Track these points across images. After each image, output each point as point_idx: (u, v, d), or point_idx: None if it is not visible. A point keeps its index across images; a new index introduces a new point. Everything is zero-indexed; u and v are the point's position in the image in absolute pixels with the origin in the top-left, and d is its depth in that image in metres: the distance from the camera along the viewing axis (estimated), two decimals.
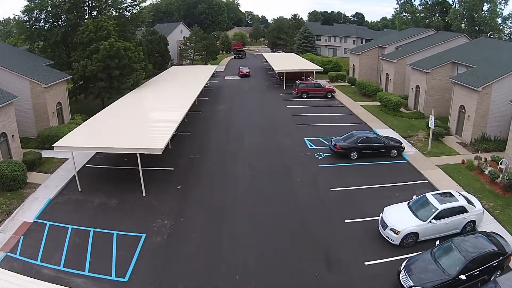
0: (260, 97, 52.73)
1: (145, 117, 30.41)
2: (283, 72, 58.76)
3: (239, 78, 69.89)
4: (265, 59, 76.63)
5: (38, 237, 19.34)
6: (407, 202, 20.14)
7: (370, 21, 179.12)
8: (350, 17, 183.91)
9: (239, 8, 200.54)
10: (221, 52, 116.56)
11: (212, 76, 56.55)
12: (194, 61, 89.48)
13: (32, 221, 20.65)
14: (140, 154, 22.29)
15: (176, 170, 27.13)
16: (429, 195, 19.79)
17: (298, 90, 50.66)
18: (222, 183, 25.36)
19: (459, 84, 32.72)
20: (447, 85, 38.26)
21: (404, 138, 33.11)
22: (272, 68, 64.03)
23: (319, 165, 27.82)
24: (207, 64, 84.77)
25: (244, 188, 24.64)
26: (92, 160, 28.80)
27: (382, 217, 19.30)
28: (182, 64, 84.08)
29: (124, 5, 49.94)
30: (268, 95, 53.94)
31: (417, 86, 41.65)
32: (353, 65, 63.38)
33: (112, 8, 49.45)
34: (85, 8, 47.04)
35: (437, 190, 23.35)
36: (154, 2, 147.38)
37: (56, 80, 34.44)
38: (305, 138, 33.45)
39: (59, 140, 24.37)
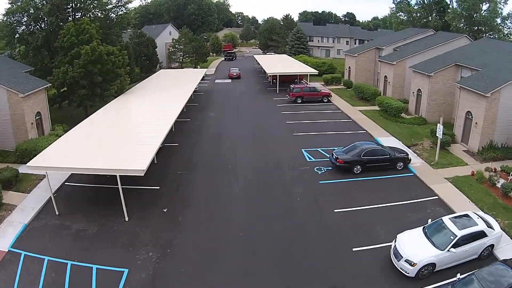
0: (252, 102, 50.41)
1: (129, 129, 28.18)
2: (276, 76, 56.54)
3: (230, 81, 67.83)
4: (257, 61, 74.27)
5: (12, 269, 17.29)
6: (421, 227, 18.14)
7: (361, 21, 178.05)
8: (341, 17, 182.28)
9: (229, 9, 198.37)
10: (211, 54, 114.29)
11: (201, 79, 54.23)
12: (183, 63, 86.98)
13: (6, 250, 18.68)
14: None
15: (162, 189, 24.68)
16: (446, 219, 17.91)
17: (293, 95, 48.47)
18: (213, 205, 22.93)
19: (466, 89, 30.83)
20: (451, 89, 36.68)
21: (408, 147, 31.11)
22: (264, 70, 61.72)
23: (320, 181, 25.52)
24: (197, 67, 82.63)
25: (238, 211, 22.18)
26: (72, 177, 26.22)
27: (395, 246, 17.24)
28: (171, 67, 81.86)
29: (110, 6, 47.50)
30: (261, 99, 51.67)
31: (419, 90, 39.75)
32: (349, 67, 61.31)
33: (97, 10, 46.96)
34: (69, 10, 44.54)
35: (448, 207, 22.00)
36: (144, 4, 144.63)
37: (34, 89, 31.81)
38: (302, 149, 31.17)
39: (37, 154, 22.46)
